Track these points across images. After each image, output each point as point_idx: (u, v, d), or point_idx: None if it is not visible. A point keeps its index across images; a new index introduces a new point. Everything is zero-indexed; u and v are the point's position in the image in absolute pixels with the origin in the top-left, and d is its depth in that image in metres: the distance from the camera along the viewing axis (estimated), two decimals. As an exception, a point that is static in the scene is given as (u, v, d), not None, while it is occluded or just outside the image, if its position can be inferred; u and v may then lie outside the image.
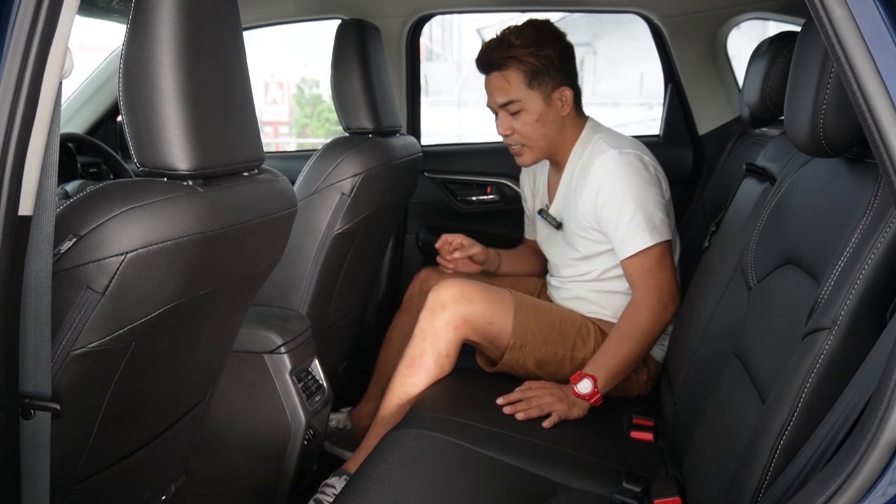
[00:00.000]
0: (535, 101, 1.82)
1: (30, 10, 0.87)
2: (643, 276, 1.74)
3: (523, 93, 1.82)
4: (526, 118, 1.84)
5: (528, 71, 1.80)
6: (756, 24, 2.67)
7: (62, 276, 0.95)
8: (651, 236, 1.72)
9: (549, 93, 1.83)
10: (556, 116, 1.85)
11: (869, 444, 0.78)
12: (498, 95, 1.85)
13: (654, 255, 1.73)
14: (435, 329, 1.74)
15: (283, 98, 11.49)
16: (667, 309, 1.73)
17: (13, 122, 0.87)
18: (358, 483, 1.29)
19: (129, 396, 1.13)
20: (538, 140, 1.86)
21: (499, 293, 1.82)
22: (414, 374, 1.74)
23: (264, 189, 1.23)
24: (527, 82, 1.81)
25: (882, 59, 0.81)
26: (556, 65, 1.82)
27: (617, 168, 1.76)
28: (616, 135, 1.88)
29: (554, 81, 1.83)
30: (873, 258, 0.91)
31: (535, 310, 1.83)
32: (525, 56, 1.80)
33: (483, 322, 1.77)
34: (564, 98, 1.84)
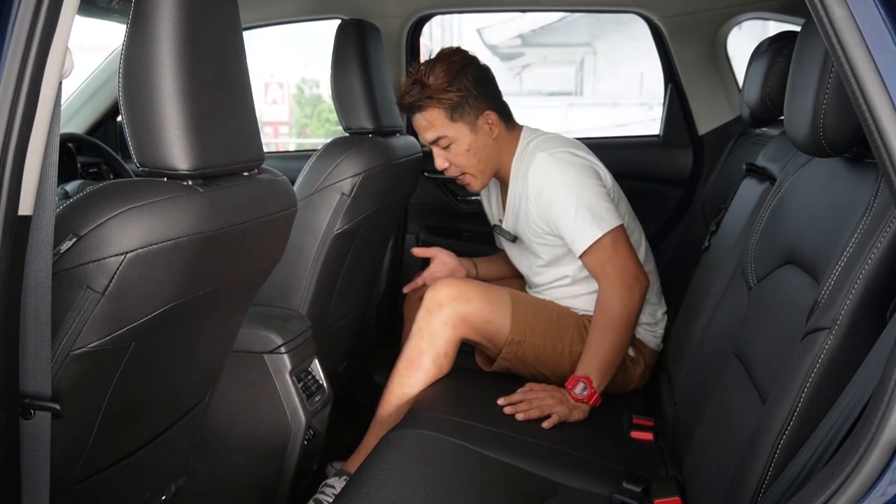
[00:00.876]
0: (461, 133, 1.86)
1: (30, 10, 0.87)
2: (602, 267, 1.75)
3: (448, 128, 1.85)
4: (457, 150, 1.87)
5: (447, 107, 1.84)
6: (756, 23, 2.67)
7: (62, 276, 0.95)
8: (598, 227, 1.73)
9: (472, 121, 1.86)
10: (486, 141, 1.88)
11: (869, 443, 0.78)
12: (425, 134, 1.89)
13: (606, 245, 1.74)
14: (432, 329, 1.75)
15: (283, 98, 11.48)
16: (633, 291, 1.73)
17: (13, 122, 0.87)
18: (358, 483, 1.29)
19: (129, 396, 1.12)
20: (476, 166, 1.90)
21: (495, 290, 1.83)
22: (412, 375, 1.74)
23: (264, 189, 1.23)
24: (449, 117, 1.85)
25: (882, 58, 0.81)
26: (474, 93, 1.85)
27: (550, 169, 1.79)
28: (549, 137, 1.91)
29: (475, 109, 1.86)
30: (873, 258, 0.91)
31: (533, 305, 1.85)
32: (441, 94, 1.83)
33: (481, 321, 1.77)
34: (490, 121, 1.87)
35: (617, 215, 1.77)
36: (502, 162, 1.92)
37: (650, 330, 1.93)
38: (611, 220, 1.75)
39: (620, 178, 1.95)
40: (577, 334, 1.84)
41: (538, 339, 1.81)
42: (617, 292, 1.73)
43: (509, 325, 1.79)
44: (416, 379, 1.74)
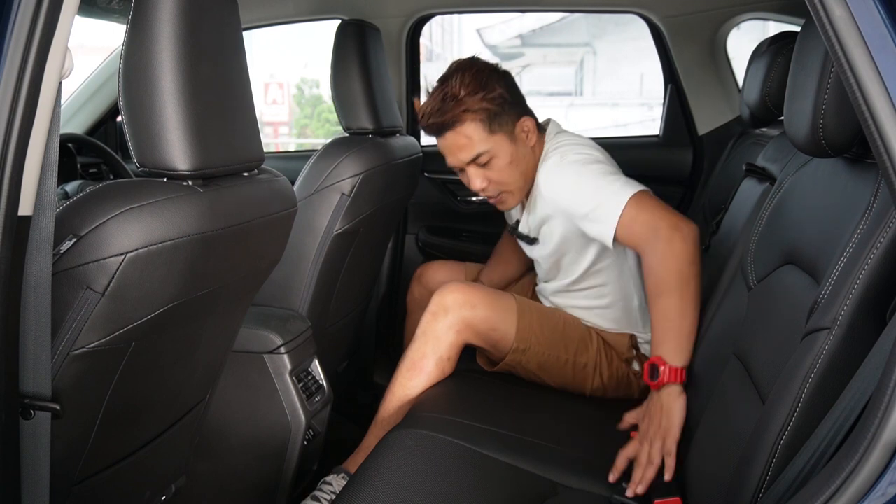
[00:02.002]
0: (502, 145, 1.74)
1: (29, 11, 0.87)
2: (633, 237, 1.58)
3: (487, 142, 1.73)
4: (499, 164, 1.76)
5: (485, 118, 1.72)
6: (756, 24, 2.67)
7: (62, 277, 0.95)
8: (617, 202, 1.57)
9: (511, 130, 1.76)
10: (525, 150, 1.78)
11: (869, 444, 0.78)
12: (462, 154, 1.76)
13: (631, 212, 1.57)
14: (437, 332, 1.72)
15: (283, 98, 11.49)
16: (674, 241, 1.51)
17: (13, 122, 0.87)
18: (357, 483, 1.29)
19: (129, 396, 1.12)
20: (517, 180, 1.79)
21: (502, 298, 1.79)
22: (414, 378, 1.73)
23: (264, 189, 1.23)
24: (487, 129, 1.73)
25: (882, 58, 0.81)
26: (509, 99, 1.75)
27: (557, 175, 1.70)
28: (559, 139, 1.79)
29: (512, 117, 1.75)
30: (873, 258, 0.91)
31: (539, 313, 1.81)
32: (478, 104, 1.71)
33: (486, 327, 1.74)
34: (527, 128, 1.77)
35: (632, 183, 1.62)
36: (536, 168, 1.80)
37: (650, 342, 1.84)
38: (628, 188, 1.59)
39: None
40: (581, 344, 1.80)
41: (542, 348, 1.77)
42: (656, 249, 1.52)
43: (514, 334, 1.75)
44: (417, 381, 1.72)
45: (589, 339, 1.81)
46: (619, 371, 1.81)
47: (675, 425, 1.40)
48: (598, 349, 1.80)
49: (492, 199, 1.84)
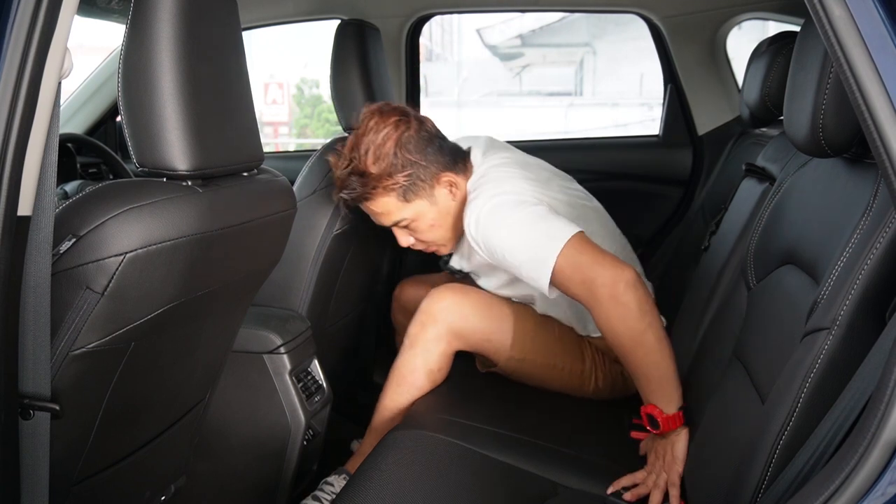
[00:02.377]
0: (420, 210, 1.66)
1: (29, 10, 0.87)
2: (572, 290, 1.48)
3: (404, 210, 1.66)
4: (421, 227, 1.69)
5: (396, 192, 1.63)
6: (755, 24, 2.67)
7: (61, 277, 0.95)
8: (552, 256, 1.46)
9: (429, 193, 1.65)
10: (448, 206, 1.68)
11: (868, 443, 0.78)
12: (381, 219, 1.70)
13: (563, 268, 1.46)
14: (425, 343, 1.66)
15: (282, 98, 11.49)
16: (616, 294, 1.42)
17: (12, 122, 0.87)
18: (357, 483, 1.29)
19: (128, 397, 1.12)
20: (443, 236, 1.72)
21: (496, 306, 1.71)
22: (404, 392, 1.68)
23: (264, 189, 1.23)
24: (402, 199, 1.64)
25: (881, 59, 0.81)
26: (422, 163, 1.62)
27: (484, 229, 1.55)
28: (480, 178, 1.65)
29: (429, 179, 1.64)
30: (873, 258, 0.91)
31: (535, 322, 1.75)
32: (386, 181, 1.61)
33: (479, 338, 1.68)
34: (449, 184, 1.67)
35: (562, 229, 1.49)
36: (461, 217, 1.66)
37: None
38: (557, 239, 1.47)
39: (620, 179, 1.94)
40: (577, 352, 1.76)
41: (538, 357, 1.72)
42: (600, 312, 1.45)
43: (510, 345, 1.69)
44: (408, 394, 1.68)
45: (584, 346, 1.77)
46: (612, 372, 1.77)
47: (679, 460, 1.39)
48: (593, 357, 1.77)
49: (426, 250, 1.77)
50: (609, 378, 1.77)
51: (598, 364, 1.77)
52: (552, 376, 1.75)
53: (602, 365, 1.77)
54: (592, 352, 1.77)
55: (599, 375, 1.77)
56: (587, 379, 1.76)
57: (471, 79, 13.27)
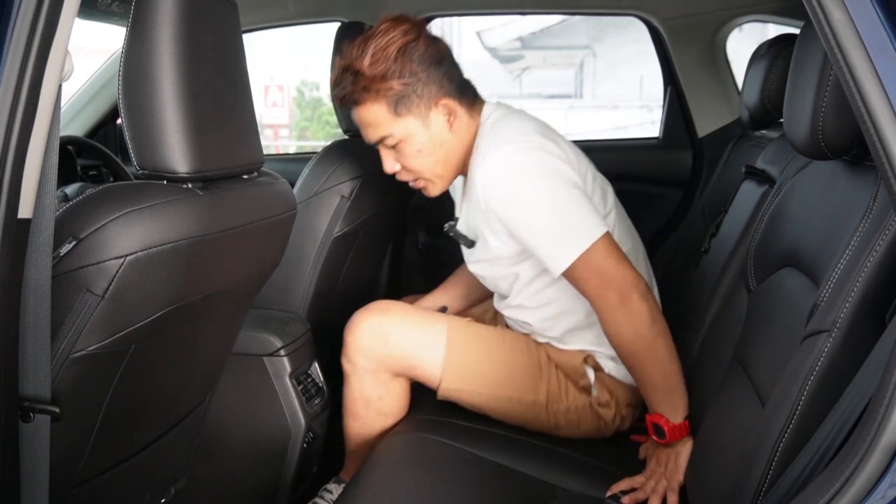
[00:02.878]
0: (409, 129, 1.49)
1: (30, 13, 0.87)
2: (584, 286, 1.40)
3: (392, 125, 1.48)
4: (407, 150, 1.51)
5: (389, 100, 1.47)
6: (755, 26, 2.68)
7: (62, 279, 0.95)
8: (574, 246, 1.37)
9: (424, 113, 1.49)
10: (442, 136, 1.51)
11: (868, 446, 0.78)
12: (368, 132, 1.53)
13: (584, 264, 1.37)
14: (358, 373, 1.55)
15: (283, 101, 11.50)
16: (628, 305, 1.36)
17: (13, 125, 0.87)
18: (356, 486, 1.29)
19: (128, 399, 1.12)
20: (431, 169, 1.54)
21: (427, 325, 1.55)
22: (357, 424, 1.60)
23: (264, 192, 1.23)
24: (392, 111, 1.47)
25: (881, 61, 0.81)
26: (422, 77, 1.47)
27: (505, 178, 1.42)
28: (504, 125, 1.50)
29: (425, 98, 1.48)
30: (872, 260, 0.91)
31: (476, 344, 1.56)
32: (379, 84, 1.45)
33: (405, 366, 1.53)
34: (447, 110, 1.50)
35: (594, 224, 1.39)
36: (465, 154, 1.55)
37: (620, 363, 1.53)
38: (590, 230, 1.38)
39: (620, 181, 1.94)
40: (529, 380, 1.54)
41: (479, 386, 1.53)
42: (609, 317, 1.38)
43: (440, 373, 1.52)
44: (361, 425, 1.59)
45: (539, 372, 1.56)
46: (577, 404, 1.56)
47: (681, 468, 1.37)
48: (549, 382, 1.56)
49: (412, 186, 1.60)
50: (573, 409, 1.56)
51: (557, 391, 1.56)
52: (502, 408, 1.55)
53: (562, 392, 1.57)
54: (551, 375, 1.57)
55: (559, 406, 1.56)
56: (541, 412, 1.56)
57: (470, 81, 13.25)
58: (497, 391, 1.53)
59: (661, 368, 1.39)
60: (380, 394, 1.55)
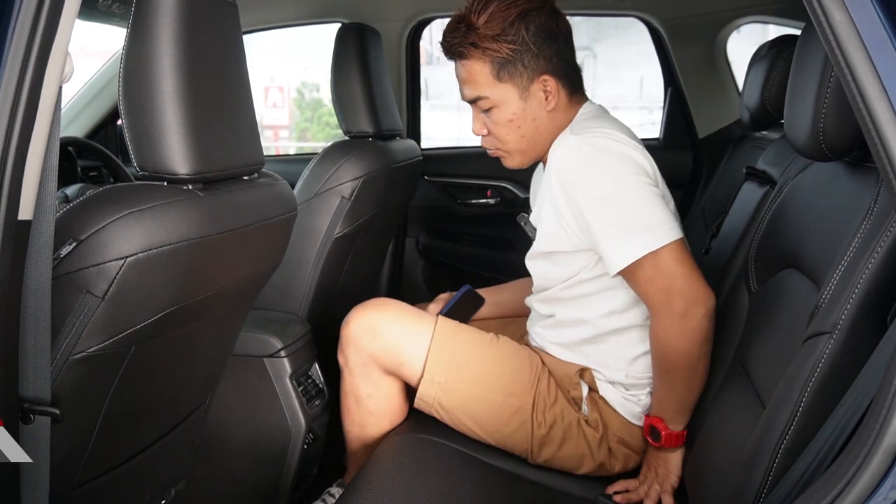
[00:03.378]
0: (507, 97, 1.44)
1: (30, 14, 0.87)
2: (646, 288, 1.33)
3: (491, 88, 1.44)
4: (498, 117, 1.46)
5: (494, 62, 1.42)
6: (756, 27, 2.68)
7: (62, 281, 0.95)
8: (643, 243, 1.30)
9: (524, 85, 1.43)
10: (537, 112, 1.45)
11: (870, 449, 0.78)
12: (465, 89, 1.49)
13: (652, 264, 1.30)
14: (350, 369, 1.54)
15: (283, 102, 11.50)
16: (689, 318, 1.29)
17: (13, 126, 0.87)
18: (358, 487, 1.28)
19: (128, 401, 1.12)
20: (517, 142, 1.48)
21: (417, 320, 1.52)
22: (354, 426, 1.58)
23: (264, 193, 1.23)
24: (494, 74, 1.43)
25: (882, 62, 0.81)
26: (532, 48, 1.41)
27: (579, 158, 1.35)
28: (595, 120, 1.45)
29: (530, 70, 1.43)
30: (874, 262, 0.91)
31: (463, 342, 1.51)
32: (488, 43, 1.41)
33: (393, 362, 1.50)
34: (547, 88, 1.44)
35: (669, 228, 1.31)
36: (548, 140, 1.48)
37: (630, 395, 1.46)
38: (661, 233, 1.30)
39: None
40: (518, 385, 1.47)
41: (463, 384, 1.46)
42: (666, 323, 1.31)
43: (424, 361, 1.47)
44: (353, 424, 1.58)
45: (529, 375, 1.49)
46: (564, 416, 1.46)
47: (672, 473, 1.37)
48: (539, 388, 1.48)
49: (491, 154, 1.55)
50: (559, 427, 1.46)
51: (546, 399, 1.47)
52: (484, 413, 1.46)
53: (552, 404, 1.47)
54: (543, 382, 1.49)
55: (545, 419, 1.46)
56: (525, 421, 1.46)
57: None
58: (481, 390, 1.46)
59: (688, 388, 1.35)
60: (369, 391, 1.53)
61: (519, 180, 2.58)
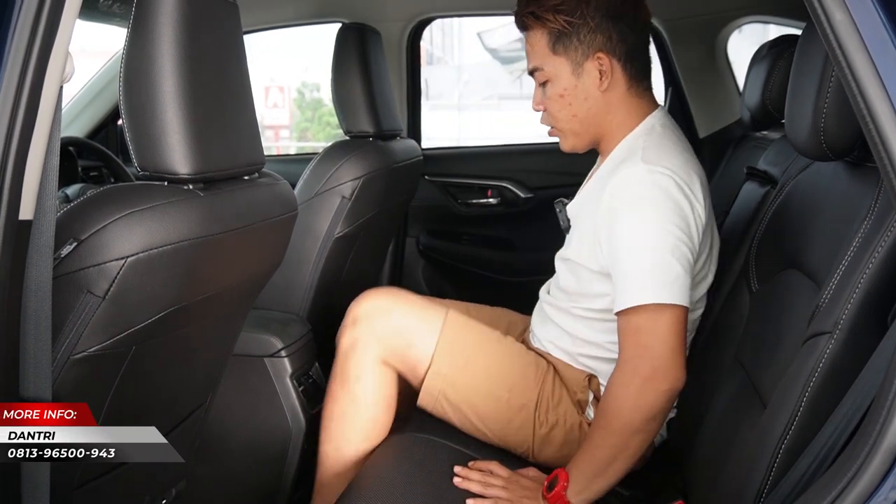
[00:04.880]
0: (560, 70, 1.40)
1: (31, 15, 0.87)
2: (629, 336, 1.28)
3: (547, 59, 1.41)
4: (551, 92, 1.43)
5: (551, 33, 1.39)
6: (756, 27, 2.68)
7: (62, 281, 0.95)
8: (654, 292, 1.26)
9: (578, 60, 1.39)
10: (589, 91, 1.40)
11: (870, 449, 0.78)
12: (528, 60, 1.47)
13: (649, 316, 1.26)
14: (343, 349, 1.47)
15: (283, 102, 11.51)
16: (649, 385, 1.24)
17: (14, 127, 0.87)
18: (358, 487, 1.28)
19: (129, 400, 1.12)
20: (568, 121, 1.43)
21: (429, 307, 1.50)
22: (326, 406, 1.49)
23: (265, 193, 1.23)
24: (550, 47, 1.40)
25: (882, 62, 0.81)
26: (591, 24, 1.37)
27: (638, 190, 1.31)
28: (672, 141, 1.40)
29: (585, 45, 1.38)
30: (874, 262, 0.91)
31: (475, 331, 1.49)
32: (546, 13, 1.38)
33: (402, 343, 1.44)
34: (602, 66, 1.39)
35: (683, 293, 1.27)
36: (607, 131, 1.44)
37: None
38: (675, 292, 1.26)
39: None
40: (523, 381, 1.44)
41: (470, 378, 1.43)
42: (627, 378, 1.26)
43: (432, 352, 1.43)
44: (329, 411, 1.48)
45: (535, 374, 1.46)
46: (567, 418, 1.44)
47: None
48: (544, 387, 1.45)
49: (549, 133, 1.51)
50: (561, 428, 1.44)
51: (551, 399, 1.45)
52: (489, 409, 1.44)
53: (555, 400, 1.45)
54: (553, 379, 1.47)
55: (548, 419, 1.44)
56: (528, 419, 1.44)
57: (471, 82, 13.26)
58: (488, 386, 1.44)
59: (612, 455, 1.27)
60: (358, 374, 1.44)
61: (519, 180, 2.58)
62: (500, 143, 3.02)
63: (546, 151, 2.69)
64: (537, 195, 2.56)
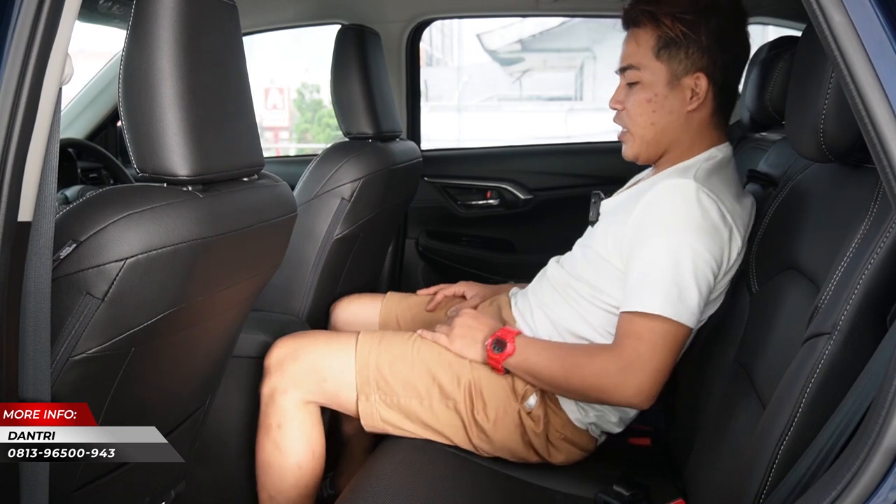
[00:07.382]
0: (656, 76, 1.39)
1: (30, 16, 0.87)
2: (628, 337, 1.30)
3: (646, 60, 1.39)
4: (639, 94, 1.41)
5: (661, 37, 1.38)
6: (755, 28, 2.67)
7: (62, 282, 0.95)
8: (665, 306, 1.27)
9: (678, 73, 1.38)
10: (675, 107, 1.39)
11: (870, 450, 0.78)
12: (623, 56, 1.44)
13: (653, 326, 1.28)
14: (265, 399, 1.48)
15: (283, 103, 11.53)
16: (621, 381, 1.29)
17: (13, 128, 0.87)
18: (355, 492, 1.28)
19: (128, 402, 1.12)
20: (644, 128, 1.42)
21: (337, 338, 1.51)
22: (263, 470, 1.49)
23: (264, 194, 1.23)
24: (655, 50, 1.38)
25: (881, 64, 0.81)
26: (703, 41, 1.36)
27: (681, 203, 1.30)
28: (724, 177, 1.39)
29: (690, 62, 1.37)
30: (873, 263, 0.91)
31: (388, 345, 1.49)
32: (665, 17, 1.37)
33: (316, 380, 1.46)
34: (698, 88, 1.38)
35: (692, 315, 1.29)
36: (676, 148, 1.43)
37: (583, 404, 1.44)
38: (682, 312, 1.28)
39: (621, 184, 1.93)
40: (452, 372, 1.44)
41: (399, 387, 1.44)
42: (610, 367, 1.30)
43: (349, 378, 1.45)
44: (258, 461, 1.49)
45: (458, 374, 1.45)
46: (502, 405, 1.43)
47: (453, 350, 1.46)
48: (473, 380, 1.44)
49: (619, 135, 1.51)
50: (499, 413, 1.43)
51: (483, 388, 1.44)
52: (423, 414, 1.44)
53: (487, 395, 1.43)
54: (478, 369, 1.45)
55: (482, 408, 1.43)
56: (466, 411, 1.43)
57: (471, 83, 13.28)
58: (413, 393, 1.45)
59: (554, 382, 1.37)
60: (279, 421, 1.46)
61: (519, 181, 2.58)
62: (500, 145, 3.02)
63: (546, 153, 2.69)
64: (537, 196, 2.56)
